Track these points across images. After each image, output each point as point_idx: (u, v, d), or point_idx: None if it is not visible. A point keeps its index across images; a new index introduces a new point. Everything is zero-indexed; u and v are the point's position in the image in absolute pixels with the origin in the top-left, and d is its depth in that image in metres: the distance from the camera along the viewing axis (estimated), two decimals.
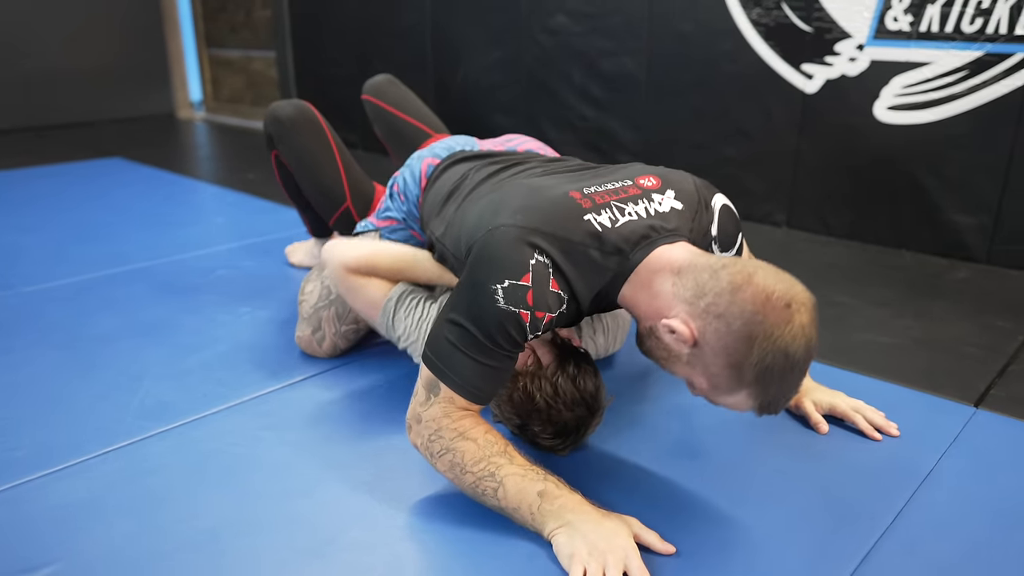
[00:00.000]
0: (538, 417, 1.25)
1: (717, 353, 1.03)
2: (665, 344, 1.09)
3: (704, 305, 1.03)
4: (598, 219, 1.16)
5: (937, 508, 1.20)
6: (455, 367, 1.12)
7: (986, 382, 1.61)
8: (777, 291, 1.00)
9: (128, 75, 5.32)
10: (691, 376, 1.09)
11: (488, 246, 1.12)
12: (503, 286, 1.08)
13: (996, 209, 2.31)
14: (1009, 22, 2.16)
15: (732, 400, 1.07)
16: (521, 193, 1.21)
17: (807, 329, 1.01)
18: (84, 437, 1.39)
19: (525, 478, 1.10)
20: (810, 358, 1.03)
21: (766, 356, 0.99)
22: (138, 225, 2.76)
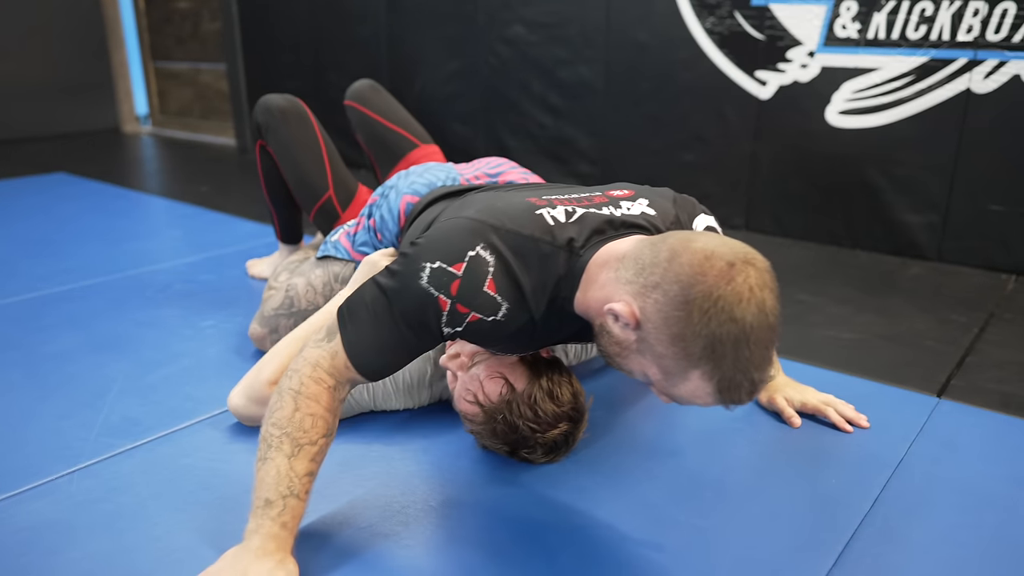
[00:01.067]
0: (525, 443, 1.24)
1: (659, 328, 0.93)
2: (615, 337, 0.99)
3: (643, 281, 0.95)
4: (551, 213, 1.11)
5: (910, 494, 1.24)
6: (357, 327, 1.07)
7: (946, 373, 1.67)
8: (718, 252, 0.91)
9: (71, 89, 5.17)
10: (645, 368, 0.98)
11: (439, 229, 1.10)
12: (432, 266, 1.04)
13: (944, 208, 2.40)
14: (951, 29, 2.26)
15: (688, 386, 0.94)
16: (481, 198, 1.21)
17: (756, 291, 0.89)
18: (48, 457, 1.33)
19: (277, 479, 1.02)
20: (767, 326, 0.90)
21: (710, 321, 0.88)
22: (89, 240, 2.67)
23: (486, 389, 1.24)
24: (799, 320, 1.98)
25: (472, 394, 1.26)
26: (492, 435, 1.25)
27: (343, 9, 3.82)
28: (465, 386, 1.28)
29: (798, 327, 1.93)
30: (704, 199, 2.81)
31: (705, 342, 0.89)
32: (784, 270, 2.34)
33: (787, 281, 2.24)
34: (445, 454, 1.35)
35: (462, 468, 1.31)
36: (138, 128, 5.53)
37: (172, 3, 5.08)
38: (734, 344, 0.89)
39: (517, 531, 1.15)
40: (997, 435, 1.42)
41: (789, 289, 2.19)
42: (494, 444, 1.27)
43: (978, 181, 2.33)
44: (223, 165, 4.23)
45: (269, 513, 1.01)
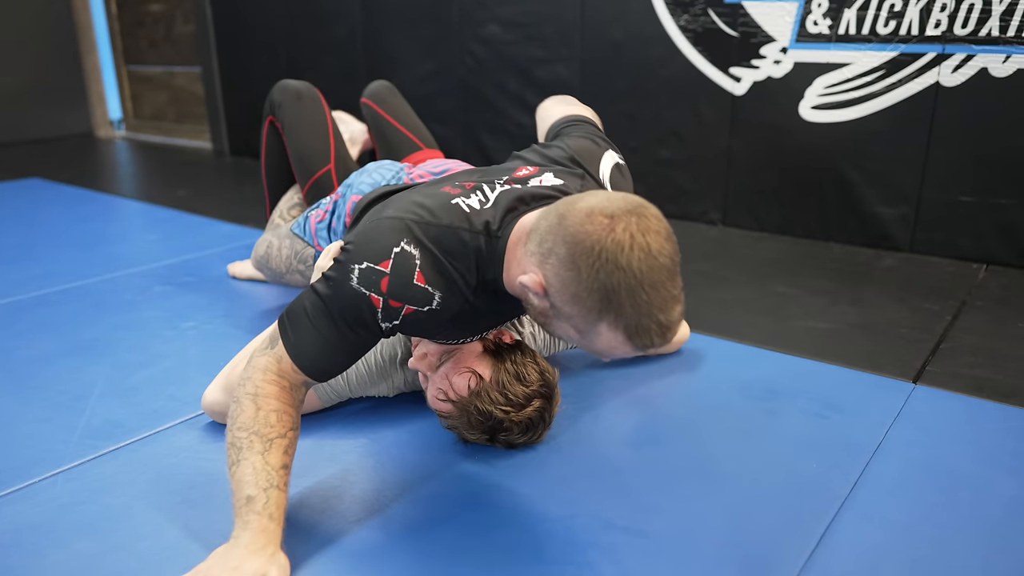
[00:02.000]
0: (502, 427, 1.26)
1: (560, 291, 0.96)
2: (536, 307, 1.02)
3: (542, 250, 0.99)
4: (466, 201, 1.14)
5: (888, 477, 1.26)
6: (297, 332, 1.10)
7: (921, 360, 1.70)
8: (599, 207, 0.95)
9: (42, 94, 5.10)
10: (565, 331, 1.01)
11: (362, 230, 1.13)
12: (360, 267, 1.07)
13: (916, 200, 2.44)
14: (920, 24, 2.30)
15: (603, 340, 0.97)
16: (402, 196, 1.21)
17: (639, 236, 0.92)
18: (29, 460, 1.32)
19: (255, 475, 1.04)
20: (657, 267, 0.93)
21: (598, 273, 0.92)
22: (64, 245, 2.64)
23: (455, 385, 1.27)
24: (777, 311, 2.01)
25: (443, 392, 1.28)
26: (469, 427, 1.27)
27: (318, 10, 3.81)
28: (436, 385, 1.30)
29: (776, 318, 1.96)
30: (681, 195, 2.88)
31: (599, 295, 0.93)
32: (761, 263, 2.40)
33: (764, 274, 2.29)
34: (423, 444, 1.36)
35: (441, 459, 1.32)
36: (112, 133, 5.46)
37: (144, 6, 5.03)
38: (628, 291, 0.92)
39: (499, 521, 1.15)
40: (971, 419, 1.45)
41: (767, 282, 2.23)
42: (472, 435, 1.29)
43: (948, 173, 2.38)
44: (199, 168, 4.20)
45: (254, 508, 1.02)
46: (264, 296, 2.13)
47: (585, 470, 1.29)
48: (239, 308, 2.04)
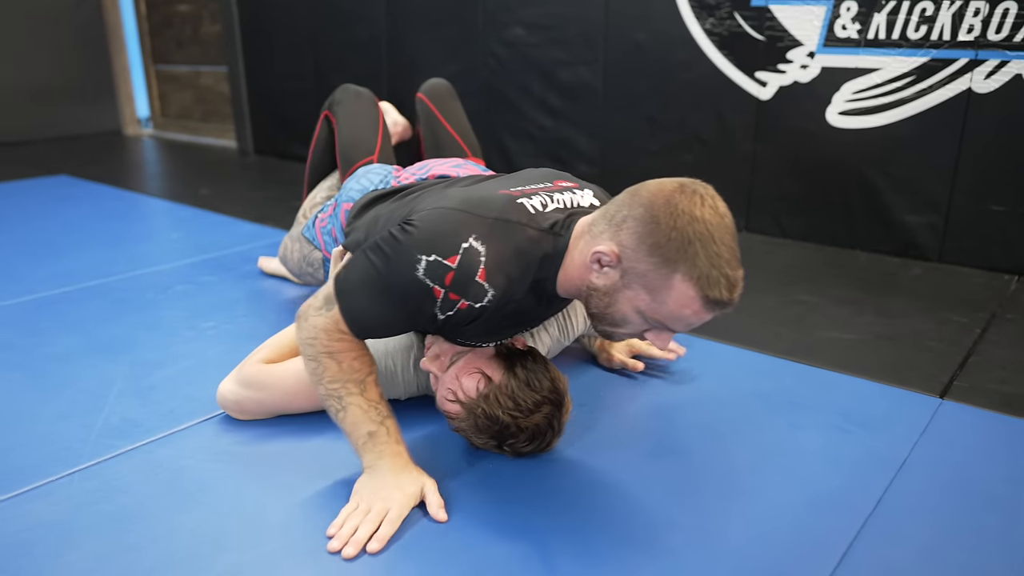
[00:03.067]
0: (509, 432, 1.24)
1: (637, 248, 1.05)
2: (601, 288, 1.11)
3: (615, 223, 1.09)
4: (530, 202, 1.20)
5: (913, 496, 1.23)
6: (355, 299, 1.16)
7: (949, 374, 1.66)
8: (666, 181, 1.08)
9: (73, 92, 5.17)
10: (633, 301, 1.08)
11: (429, 220, 1.15)
12: (428, 259, 1.11)
13: (946, 208, 2.39)
14: (952, 29, 2.25)
15: (674, 296, 1.04)
16: (455, 191, 1.26)
17: (708, 199, 1.04)
18: (47, 459, 1.33)
19: (366, 413, 1.18)
20: (725, 226, 1.04)
21: (676, 222, 1.02)
22: (89, 242, 2.67)
23: (464, 385, 1.27)
24: (800, 321, 1.97)
25: (452, 392, 1.28)
26: (476, 430, 1.26)
27: (342, 11, 3.83)
28: (446, 386, 1.30)
29: (799, 328, 1.92)
30: None
31: (678, 242, 1.02)
32: (784, 271, 2.37)
33: (787, 282, 2.25)
34: (432, 451, 1.35)
35: (449, 467, 1.31)
36: (140, 131, 5.53)
37: (172, 6, 5.09)
38: (702, 241, 1.02)
39: (508, 533, 1.14)
40: (1000, 436, 1.41)
41: (790, 290, 2.19)
42: (480, 439, 1.28)
43: (979, 181, 2.32)
44: (224, 167, 4.23)
45: (380, 439, 1.17)
46: (283, 295, 2.14)
47: (599, 481, 1.27)
48: (259, 308, 2.04)
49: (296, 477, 1.28)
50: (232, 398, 1.44)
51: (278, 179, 3.86)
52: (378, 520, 1.12)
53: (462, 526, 1.16)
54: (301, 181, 3.63)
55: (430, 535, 1.14)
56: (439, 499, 1.17)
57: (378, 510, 1.13)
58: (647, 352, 1.67)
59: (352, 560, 1.07)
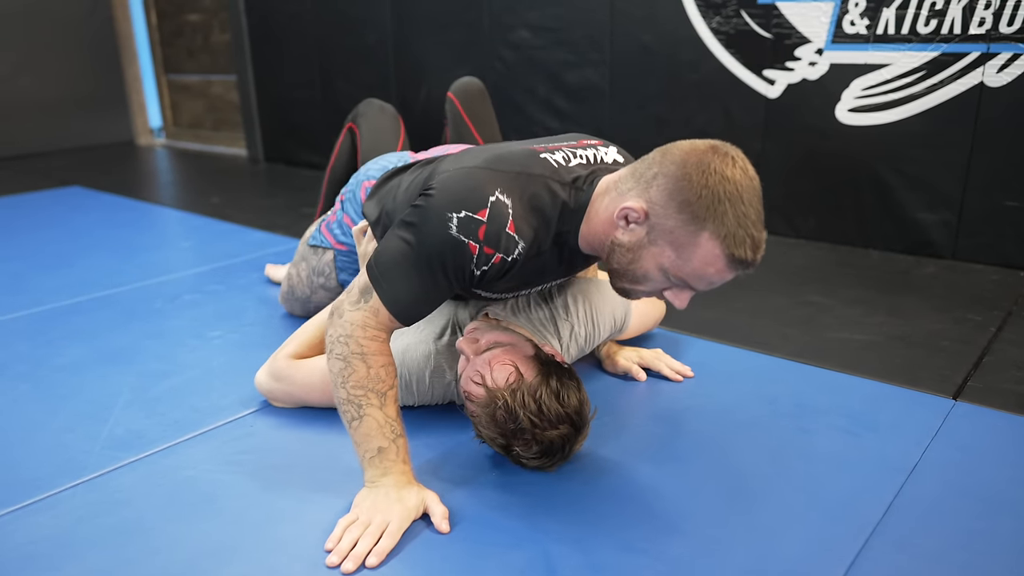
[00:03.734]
0: (522, 436, 1.20)
1: (667, 203, 1.08)
2: (626, 244, 1.13)
3: (644, 180, 1.11)
4: (553, 157, 1.23)
5: (925, 501, 1.20)
6: (392, 281, 1.17)
7: (963, 374, 1.63)
8: (699, 141, 1.11)
9: (86, 103, 5.22)
10: (658, 258, 1.11)
11: (452, 179, 1.17)
12: (459, 215, 1.13)
13: (959, 205, 2.35)
14: (962, 22, 2.22)
15: (700, 253, 1.07)
16: (479, 150, 1.27)
17: (739, 160, 1.07)
18: (51, 470, 1.33)
19: (381, 429, 1.17)
20: (753, 188, 1.08)
21: (707, 180, 1.04)
22: (100, 253, 2.69)
23: (495, 373, 1.24)
24: (810, 322, 1.94)
25: (480, 376, 1.25)
26: (491, 421, 1.22)
27: (349, 18, 3.83)
28: (475, 367, 1.28)
29: (809, 329, 1.90)
30: None
31: (708, 200, 1.04)
32: (795, 271, 2.34)
33: (798, 282, 2.23)
34: (440, 456, 1.34)
35: (454, 473, 1.29)
36: (152, 140, 5.57)
37: (183, 16, 5.12)
38: (730, 199, 1.04)
39: (511, 540, 1.13)
40: (1015, 438, 1.38)
41: (800, 291, 2.16)
42: (491, 432, 1.23)
43: (993, 176, 2.28)
44: (234, 176, 4.26)
45: (389, 456, 1.17)
46: None
47: (604, 488, 1.25)
48: (264, 317, 2.04)
49: (300, 489, 1.27)
50: (265, 388, 1.52)
51: (287, 186, 3.87)
52: (378, 533, 1.11)
53: (463, 538, 1.14)
54: (310, 187, 3.67)
55: (431, 548, 1.12)
56: (443, 509, 1.16)
57: (378, 523, 1.11)
58: (654, 367, 1.64)
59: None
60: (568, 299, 1.53)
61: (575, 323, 1.51)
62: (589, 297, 1.55)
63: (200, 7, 4.97)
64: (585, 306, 1.53)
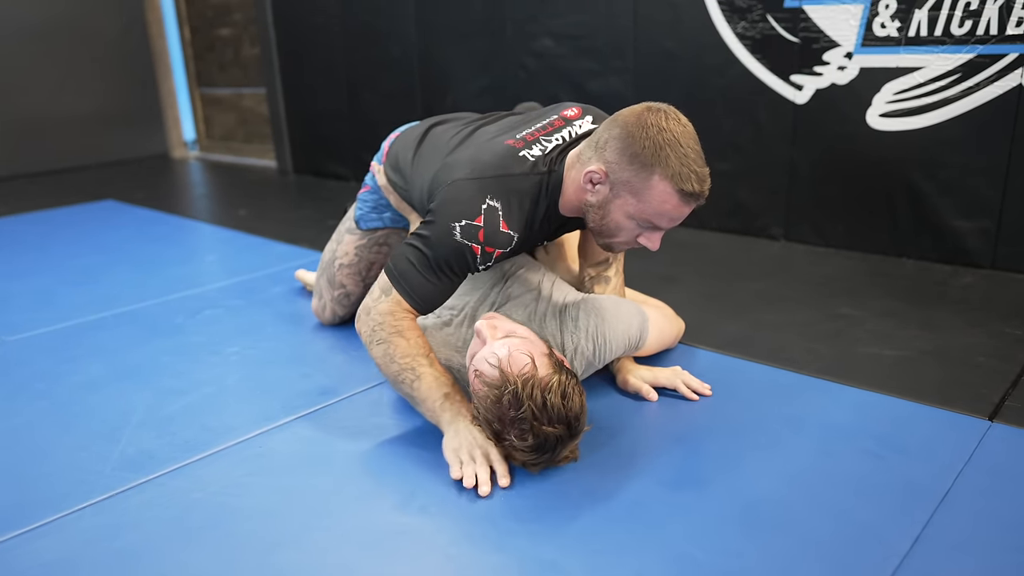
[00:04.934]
0: (519, 426, 1.23)
1: (619, 160, 1.30)
2: (595, 203, 1.35)
3: (597, 146, 1.34)
4: (530, 153, 1.43)
5: (956, 531, 1.14)
6: (408, 279, 1.39)
7: (1000, 393, 1.55)
8: (638, 105, 1.33)
9: (122, 118, 5.32)
10: (624, 207, 1.32)
11: (449, 196, 1.39)
12: (460, 224, 1.36)
13: (998, 212, 2.26)
14: (999, 23, 2.13)
15: (655, 194, 1.28)
16: (469, 153, 1.47)
17: (671, 113, 1.30)
18: (60, 492, 1.33)
19: (437, 380, 1.38)
20: (688, 132, 1.29)
21: (647, 133, 1.27)
22: (127, 267, 2.72)
23: (512, 359, 1.28)
24: (839, 336, 1.87)
25: (497, 359, 1.28)
26: (495, 404, 1.24)
27: (374, 29, 3.84)
28: (492, 350, 1.31)
29: (838, 343, 1.83)
30: (740, 209, 2.76)
31: (651, 149, 1.27)
32: (825, 282, 2.27)
33: (827, 294, 2.16)
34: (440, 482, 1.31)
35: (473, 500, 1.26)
36: (186, 153, 5.66)
37: (215, 30, 5.20)
38: (670, 145, 1.26)
39: (517, 566, 1.09)
40: None
41: (830, 303, 2.09)
42: (489, 415, 1.26)
43: None
44: (263, 188, 4.29)
45: (454, 399, 1.37)
46: (307, 318, 2.13)
47: (616, 512, 1.21)
48: (282, 332, 2.04)
49: (305, 514, 1.25)
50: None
51: (314, 197, 3.89)
52: (487, 463, 1.29)
53: (467, 565, 1.11)
54: (336, 199, 3.68)
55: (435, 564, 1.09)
56: (504, 467, 1.29)
57: (481, 457, 1.29)
58: (671, 385, 1.58)
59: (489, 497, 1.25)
60: (580, 314, 1.53)
61: (582, 337, 1.52)
62: (602, 313, 1.54)
63: (231, 21, 5.04)
64: (596, 321, 1.52)
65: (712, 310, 2.06)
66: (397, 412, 1.57)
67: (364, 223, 1.92)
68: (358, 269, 1.94)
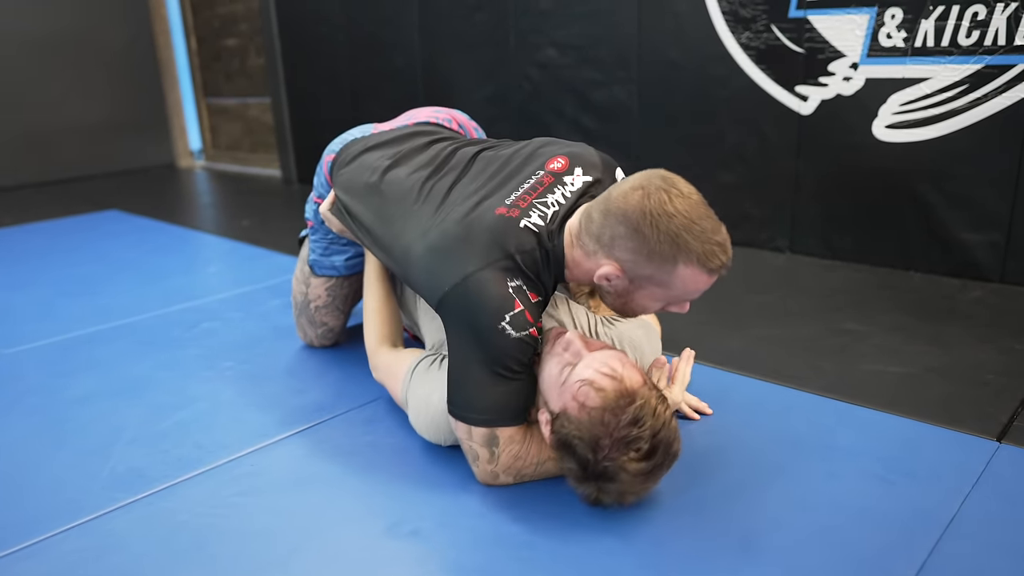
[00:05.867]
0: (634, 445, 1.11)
1: (636, 260, 1.19)
2: (614, 292, 1.27)
3: (604, 242, 1.22)
4: (532, 222, 1.29)
5: (962, 559, 1.10)
6: (504, 411, 1.26)
7: (1008, 413, 1.51)
8: (627, 188, 1.20)
9: (129, 127, 5.34)
10: (650, 296, 1.24)
11: (470, 297, 1.23)
12: (507, 321, 1.21)
13: (1007, 225, 2.22)
14: (1007, 33, 2.09)
15: (683, 280, 1.19)
16: (456, 234, 1.29)
17: (668, 188, 1.17)
18: (48, 512, 1.31)
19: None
20: (694, 203, 1.17)
21: (658, 227, 1.15)
22: (128, 278, 2.71)
23: (627, 371, 1.17)
24: (844, 352, 1.83)
25: (611, 369, 1.16)
26: (611, 415, 1.11)
27: (378, 40, 3.84)
28: (604, 360, 1.18)
29: (842, 360, 1.79)
30: (745, 221, 2.73)
31: (668, 242, 1.16)
32: (830, 295, 2.23)
33: (833, 307, 2.12)
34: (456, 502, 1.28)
35: (466, 524, 1.23)
36: (192, 163, 5.67)
37: (221, 40, 5.21)
38: (686, 228, 1.15)
39: None
40: None
41: (835, 317, 2.05)
42: (597, 430, 1.12)
43: None
44: (267, 197, 4.29)
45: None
46: None
47: (611, 539, 1.18)
48: (278, 347, 2.02)
49: (293, 535, 1.23)
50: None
51: None
52: None
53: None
54: None
55: None
56: None
57: None
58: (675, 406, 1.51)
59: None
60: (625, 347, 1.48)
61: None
62: (639, 347, 1.49)
63: (237, 32, 5.05)
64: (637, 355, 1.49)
65: (714, 324, 2.03)
66: (391, 430, 1.54)
67: (319, 269, 1.85)
68: (335, 306, 1.91)
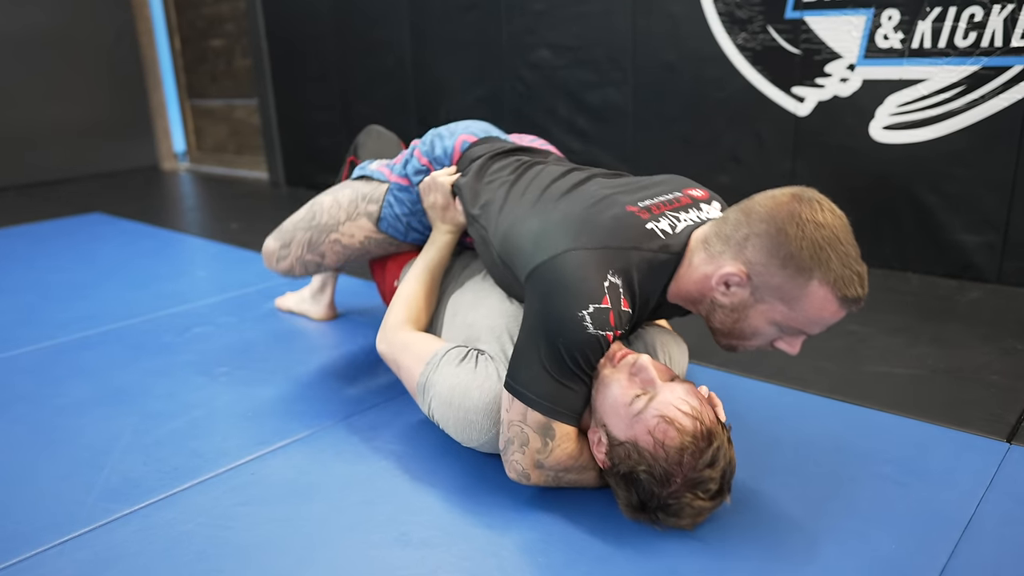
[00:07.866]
0: (705, 485, 1.08)
1: (768, 262, 1.09)
2: (729, 305, 1.15)
3: (735, 242, 1.12)
4: (659, 226, 1.22)
5: (984, 560, 1.09)
6: (565, 403, 1.16)
7: (1016, 414, 1.50)
8: (776, 193, 1.12)
9: (112, 129, 5.26)
10: (767, 314, 1.13)
11: (560, 273, 1.15)
12: (589, 312, 1.12)
13: (1004, 226, 2.22)
14: (1004, 35, 2.10)
15: (812, 301, 1.08)
16: (578, 213, 1.24)
17: (824, 202, 1.09)
18: (40, 525, 1.26)
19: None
20: (845, 225, 1.09)
21: (804, 230, 1.06)
22: (114, 283, 2.65)
23: (705, 409, 1.11)
24: (847, 353, 1.82)
25: (692, 408, 1.10)
26: (692, 455, 1.06)
27: (368, 40, 3.80)
28: (683, 397, 1.11)
29: (846, 362, 1.78)
30: None
31: (810, 250, 1.06)
32: None
33: None
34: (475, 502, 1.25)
35: (478, 531, 1.20)
36: (176, 165, 5.60)
37: (206, 41, 5.15)
38: (831, 244, 1.06)
39: None
40: None
41: None
42: (670, 466, 1.07)
43: None
44: (254, 200, 4.23)
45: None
46: (298, 337, 2.07)
47: (624, 547, 1.15)
48: (273, 352, 1.98)
49: (297, 546, 1.19)
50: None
51: None
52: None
53: None
54: None
55: None
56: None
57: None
58: None
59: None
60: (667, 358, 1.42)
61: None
62: (668, 349, 1.43)
63: (223, 32, 4.99)
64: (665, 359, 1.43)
65: None
66: (395, 436, 1.51)
67: (384, 225, 1.73)
68: (351, 253, 1.78)
